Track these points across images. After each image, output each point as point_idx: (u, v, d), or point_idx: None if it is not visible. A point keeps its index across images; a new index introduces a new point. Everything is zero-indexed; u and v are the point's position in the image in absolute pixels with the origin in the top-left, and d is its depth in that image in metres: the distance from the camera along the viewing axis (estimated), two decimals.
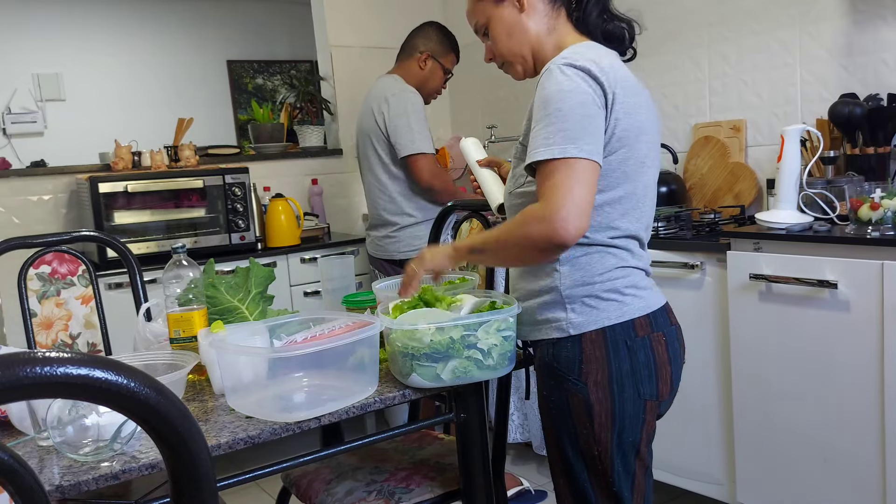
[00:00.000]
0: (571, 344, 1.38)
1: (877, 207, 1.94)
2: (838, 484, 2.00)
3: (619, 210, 1.37)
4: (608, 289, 1.37)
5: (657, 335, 1.40)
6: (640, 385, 1.37)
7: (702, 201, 2.81)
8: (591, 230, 1.36)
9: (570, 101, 1.28)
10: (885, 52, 2.34)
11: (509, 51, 1.48)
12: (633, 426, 1.38)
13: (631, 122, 1.34)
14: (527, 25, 1.44)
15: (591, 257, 1.37)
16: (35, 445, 1.26)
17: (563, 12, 1.45)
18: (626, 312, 1.38)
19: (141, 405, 0.56)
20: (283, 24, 6.13)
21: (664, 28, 2.89)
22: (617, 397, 1.36)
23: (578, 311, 1.37)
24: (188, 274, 1.58)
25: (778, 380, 2.10)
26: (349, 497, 1.65)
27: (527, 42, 1.45)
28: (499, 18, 1.46)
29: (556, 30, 1.45)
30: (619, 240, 1.39)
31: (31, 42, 5.24)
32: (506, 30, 1.46)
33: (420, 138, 2.78)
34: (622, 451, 1.39)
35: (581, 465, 1.41)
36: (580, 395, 1.37)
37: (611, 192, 1.36)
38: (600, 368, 1.36)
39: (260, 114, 3.88)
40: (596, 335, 1.36)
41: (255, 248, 3.22)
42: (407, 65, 2.94)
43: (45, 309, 2.11)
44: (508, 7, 1.44)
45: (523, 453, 3.09)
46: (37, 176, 3.24)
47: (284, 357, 1.34)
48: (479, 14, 1.49)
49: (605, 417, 1.36)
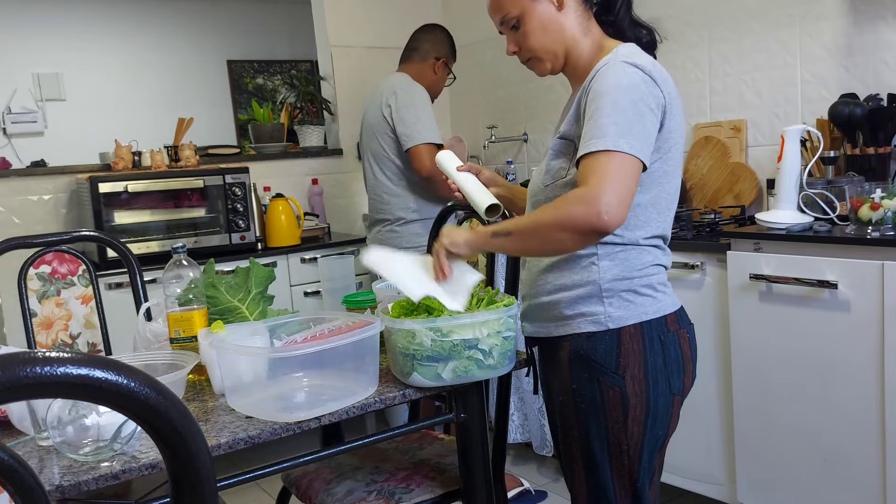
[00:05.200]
0: (609, 337, 1.39)
1: (877, 208, 1.94)
2: (838, 484, 2.00)
3: (656, 210, 1.41)
4: (644, 284, 1.40)
5: (683, 332, 1.44)
6: (671, 380, 1.41)
7: (702, 201, 2.81)
8: (630, 229, 1.39)
9: (628, 97, 1.31)
10: (885, 52, 2.34)
11: (542, 46, 1.47)
12: (662, 421, 1.41)
13: (675, 125, 1.39)
14: (563, 24, 1.45)
15: (628, 253, 1.40)
16: (35, 445, 1.26)
17: (592, 16, 1.48)
18: (661, 308, 1.41)
19: (141, 405, 0.56)
20: (283, 24, 6.13)
21: (664, 28, 2.88)
22: (651, 391, 1.39)
23: (616, 304, 1.39)
24: (188, 274, 1.58)
25: (778, 380, 2.10)
26: (349, 497, 1.65)
27: (561, 40, 1.46)
28: (535, 13, 1.45)
29: (590, 31, 1.47)
30: (653, 239, 1.42)
31: (31, 42, 5.24)
32: (541, 25, 1.45)
33: (426, 129, 2.79)
34: (650, 446, 1.41)
35: (606, 460, 1.41)
36: (616, 388, 1.38)
37: (651, 192, 1.39)
38: (637, 362, 1.38)
39: (260, 114, 3.88)
40: (634, 329, 1.39)
41: (255, 248, 3.22)
42: (419, 67, 2.96)
43: (45, 309, 2.11)
44: (546, 3, 1.44)
45: (523, 453, 3.09)
46: (37, 176, 3.24)
47: (284, 357, 1.34)
48: (511, 6, 1.46)
49: (640, 411, 1.38)
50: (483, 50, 3.40)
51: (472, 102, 3.97)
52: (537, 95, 3.54)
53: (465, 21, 3.73)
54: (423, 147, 2.78)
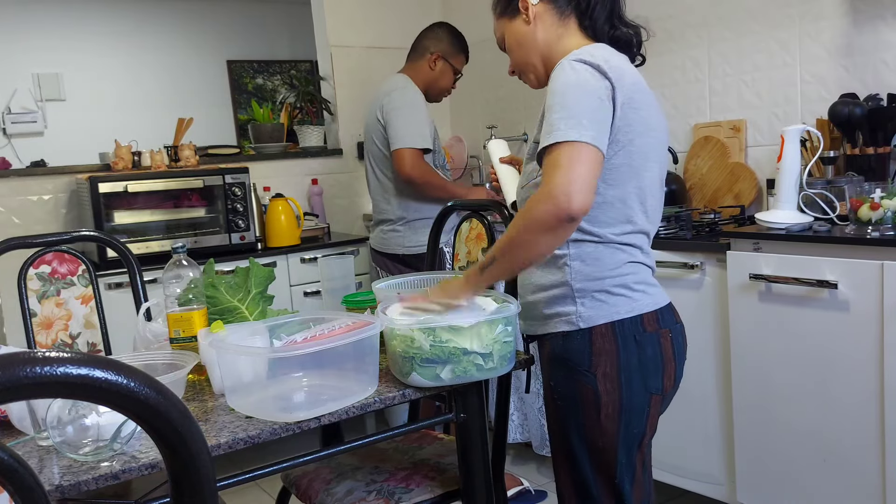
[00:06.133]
0: (581, 337, 1.42)
1: (877, 207, 1.94)
2: (838, 484, 2.00)
3: (630, 205, 1.42)
4: (618, 283, 1.42)
5: (664, 332, 1.45)
6: (647, 379, 1.42)
7: (702, 201, 2.81)
8: (603, 225, 1.41)
9: (576, 91, 1.34)
10: (885, 52, 2.34)
11: (520, 59, 1.56)
12: (638, 419, 1.43)
13: (637, 117, 1.39)
14: (535, 35, 1.52)
15: (601, 253, 1.42)
16: (35, 445, 1.26)
17: (572, 21, 1.51)
18: (636, 307, 1.42)
19: (141, 405, 0.56)
20: (283, 24, 6.12)
21: (664, 28, 2.89)
22: (625, 390, 1.41)
23: (588, 305, 1.42)
24: (188, 274, 1.58)
25: (778, 380, 2.10)
26: (349, 497, 1.65)
27: (535, 50, 1.52)
28: (511, 32, 1.55)
29: (565, 37, 1.51)
30: (629, 236, 1.43)
31: (31, 42, 5.24)
32: (517, 41, 1.54)
33: (410, 133, 2.78)
34: (626, 444, 1.43)
35: (585, 457, 1.45)
36: (589, 385, 1.41)
37: (621, 187, 1.40)
38: (609, 361, 1.40)
39: (260, 114, 3.88)
40: (605, 329, 1.41)
41: (255, 248, 3.22)
42: (417, 65, 2.95)
43: (45, 309, 2.11)
44: (519, 21, 1.53)
45: (523, 453, 3.09)
46: (37, 176, 3.24)
47: (284, 357, 1.34)
48: (498, 30, 1.60)
49: (613, 409, 1.41)
50: (483, 50, 3.40)
51: (471, 102, 3.97)
52: (537, 95, 3.53)
53: (465, 21, 3.73)
54: (405, 151, 2.77)
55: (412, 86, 2.87)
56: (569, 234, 1.36)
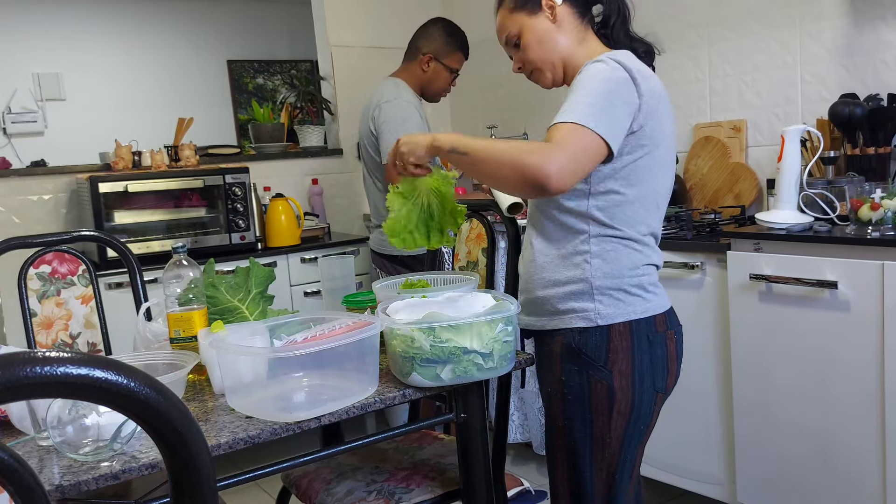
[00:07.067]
0: (599, 333, 1.44)
1: (877, 208, 1.94)
2: (838, 484, 2.00)
3: (647, 207, 1.45)
4: (634, 284, 1.45)
5: (670, 332, 1.49)
6: (656, 378, 1.46)
7: (702, 201, 2.81)
8: (625, 225, 1.44)
9: (605, 85, 1.37)
10: (885, 53, 2.34)
11: (540, 57, 1.55)
12: (645, 417, 1.47)
13: (658, 125, 1.42)
14: (558, 36, 1.53)
15: (620, 252, 1.44)
16: (35, 445, 1.26)
17: (590, 29, 1.55)
18: (650, 308, 1.46)
19: (141, 405, 0.56)
20: (283, 24, 6.12)
21: (664, 28, 2.89)
22: (637, 388, 1.44)
23: (606, 303, 1.44)
24: (188, 274, 1.57)
25: (778, 380, 2.10)
26: (349, 497, 1.65)
27: (557, 51, 1.54)
28: (532, 28, 1.54)
29: (586, 41, 1.54)
30: (646, 237, 1.47)
31: (31, 42, 5.24)
32: (538, 38, 1.54)
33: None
34: (631, 440, 1.46)
35: (588, 451, 1.46)
36: (604, 381, 1.43)
37: (640, 188, 1.43)
38: (625, 359, 1.43)
39: (260, 114, 3.88)
40: (623, 327, 1.44)
41: (255, 247, 3.22)
42: (410, 67, 2.88)
43: (45, 309, 2.11)
44: (541, 18, 1.53)
45: (523, 453, 3.09)
46: (37, 176, 3.24)
47: (284, 357, 1.34)
48: (511, 25, 1.56)
49: (625, 406, 1.44)
50: (483, 50, 3.40)
51: (471, 102, 3.97)
52: (537, 95, 3.53)
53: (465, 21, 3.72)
54: None
55: (404, 94, 2.79)
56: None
